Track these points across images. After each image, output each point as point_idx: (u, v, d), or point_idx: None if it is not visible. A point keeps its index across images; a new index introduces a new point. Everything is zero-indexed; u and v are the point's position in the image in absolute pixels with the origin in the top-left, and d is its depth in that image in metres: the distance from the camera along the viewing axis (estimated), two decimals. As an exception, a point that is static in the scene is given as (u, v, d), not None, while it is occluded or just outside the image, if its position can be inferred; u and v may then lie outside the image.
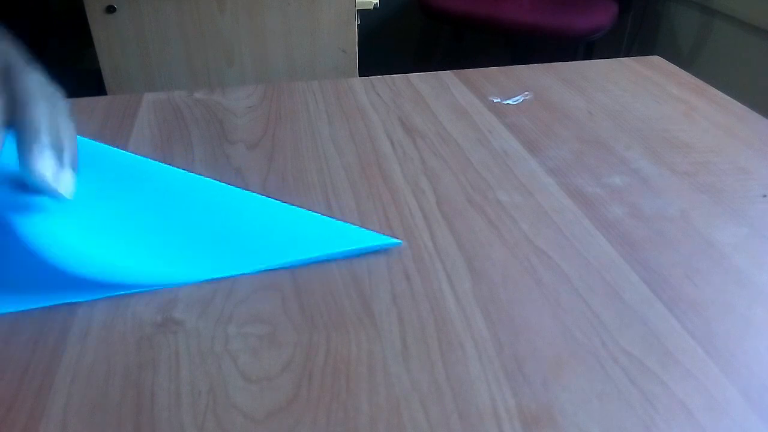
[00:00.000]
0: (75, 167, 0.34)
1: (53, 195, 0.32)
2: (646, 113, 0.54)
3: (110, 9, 1.08)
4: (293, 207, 0.40)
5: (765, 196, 0.42)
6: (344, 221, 0.39)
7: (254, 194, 0.41)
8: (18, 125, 0.32)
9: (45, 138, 0.32)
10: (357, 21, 1.15)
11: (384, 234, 0.38)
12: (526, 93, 0.57)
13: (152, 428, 0.26)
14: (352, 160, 0.46)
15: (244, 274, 0.35)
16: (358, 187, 0.43)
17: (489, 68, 0.63)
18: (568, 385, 0.28)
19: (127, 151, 0.47)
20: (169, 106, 0.54)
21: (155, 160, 0.45)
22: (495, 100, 0.56)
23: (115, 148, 0.46)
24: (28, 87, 0.33)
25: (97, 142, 0.46)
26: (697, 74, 0.61)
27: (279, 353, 0.30)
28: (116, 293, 0.33)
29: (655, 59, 0.66)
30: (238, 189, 0.42)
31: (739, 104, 0.55)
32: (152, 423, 0.26)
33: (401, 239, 0.38)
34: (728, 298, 0.33)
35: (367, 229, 0.38)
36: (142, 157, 0.45)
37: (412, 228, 0.39)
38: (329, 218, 0.39)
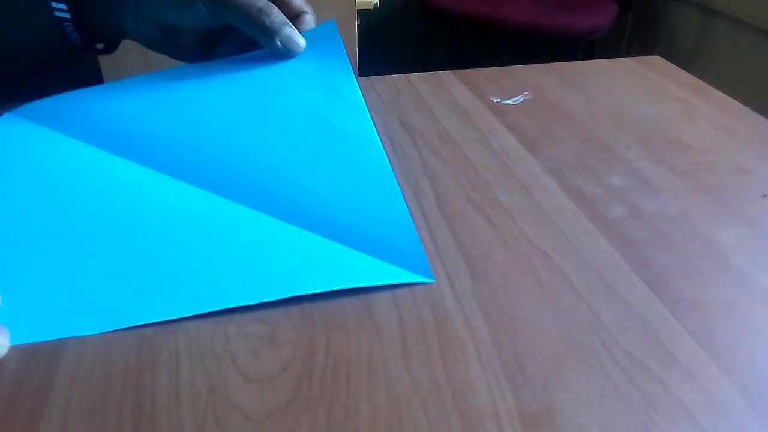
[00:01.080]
0: None
1: None
2: (646, 113, 0.54)
3: (110, 9, 1.08)
4: (313, 234, 0.36)
5: (765, 196, 0.42)
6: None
7: (269, 217, 0.37)
8: None
9: None
10: (357, 21, 1.15)
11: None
12: (526, 93, 0.57)
13: (152, 428, 0.26)
14: (352, 160, 0.46)
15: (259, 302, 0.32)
16: (358, 187, 0.43)
17: (489, 68, 0.63)
18: (568, 385, 0.28)
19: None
20: (169, 106, 0.54)
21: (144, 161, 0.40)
22: (495, 100, 0.56)
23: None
24: None
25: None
26: (697, 74, 0.61)
27: (279, 353, 0.30)
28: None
29: (655, 59, 0.66)
30: (254, 210, 0.37)
31: (739, 104, 0.55)
32: (152, 423, 0.26)
33: (401, 239, 0.37)
34: (728, 298, 0.33)
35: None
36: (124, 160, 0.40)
37: (412, 228, 0.39)
38: (353, 249, 0.35)
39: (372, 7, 1.19)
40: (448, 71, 0.62)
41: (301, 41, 0.46)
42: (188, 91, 0.45)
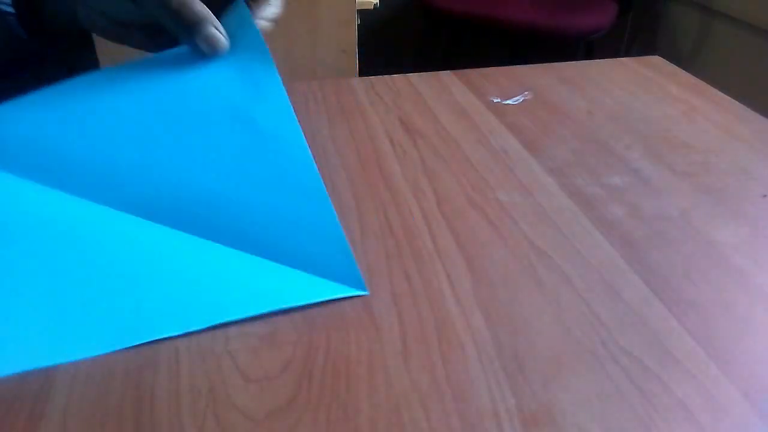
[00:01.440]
0: None
1: None
2: (646, 113, 0.54)
3: (110, 9, 1.08)
4: (246, 254, 0.35)
5: (765, 196, 0.42)
6: (343, 222, 0.38)
7: (200, 239, 0.36)
8: None
9: None
10: (357, 21, 1.15)
11: (383, 232, 0.38)
12: (526, 93, 0.57)
13: (152, 428, 0.26)
14: (352, 160, 0.46)
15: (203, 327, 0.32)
16: (358, 187, 0.43)
17: (489, 68, 0.63)
18: (568, 385, 0.28)
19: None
20: (169, 106, 0.54)
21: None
22: (495, 100, 0.56)
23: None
24: None
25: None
26: (697, 74, 0.61)
27: (279, 353, 0.30)
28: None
29: (655, 59, 0.66)
30: (190, 235, 0.36)
31: (739, 104, 0.55)
32: (152, 423, 0.26)
33: (401, 239, 0.37)
34: (728, 298, 0.33)
35: (366, 226, 0.38)
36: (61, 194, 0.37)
37: (412, 228, 0.39)
38: (285, 267, 0.35)
39: (372, 7, 1.19)
40: (448, 71, 0.62)
41: (224, 41, 0.40)
42: (107, 103, 0.40)
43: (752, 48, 1.75)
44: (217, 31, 0.39)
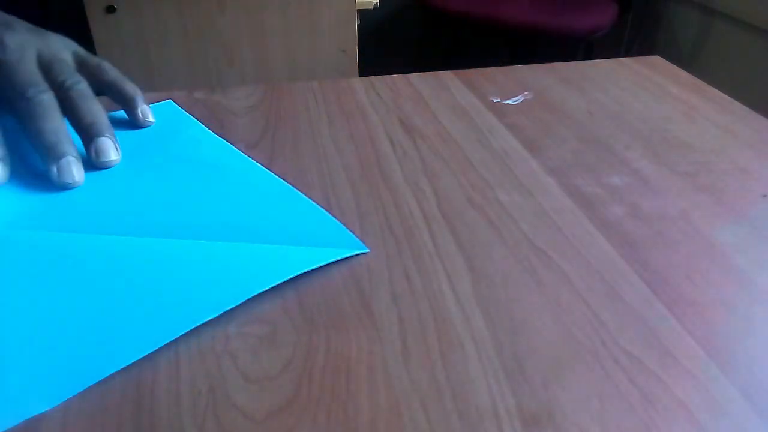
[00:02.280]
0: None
1: None
2: (646, 113, 0.54)
3: (110, 9, 1.08)
4: (246, 244, 0.36)
5: (765, 196, 0.42)
6: (343, 221, 0.39)
7: (185, 241, 0.36)
8: None
9: None
10: (357, 21, 1.15)
11: (383, 232, 0.38)
12: (526, 93, 0.57)
13: (152, 428, 0.26)
14: (352, 160, 0.46)
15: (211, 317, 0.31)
16: (358, 187, 0.43)
17: (489, 68, 0.63)
18: (568, 385, 0.28)
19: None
20: (169, 106, 0.54)
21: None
22: (495, 100, 0.56)
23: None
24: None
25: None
26: (697, 74, 0.61)
27: (279, 353, 0.30)
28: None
29: (655, 59, 0.66)
30: (163, 239, 0.36)
31: (739, 104, 0.55)
32: (152, 423, 0.26)
33: (401, 239, 0.38)
34: (728, 298, 0.33)
35: (366, 226, 0.38)
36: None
37: (412, 228, 0.39)
38: (286, 246, 0.36)
39: (372, 7, 1.20)
40: (448, 71, 0.62)
41: (78, 177, 0.41)
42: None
43: (752, 48, 1.75)
44: (76, 163, 0.42)
